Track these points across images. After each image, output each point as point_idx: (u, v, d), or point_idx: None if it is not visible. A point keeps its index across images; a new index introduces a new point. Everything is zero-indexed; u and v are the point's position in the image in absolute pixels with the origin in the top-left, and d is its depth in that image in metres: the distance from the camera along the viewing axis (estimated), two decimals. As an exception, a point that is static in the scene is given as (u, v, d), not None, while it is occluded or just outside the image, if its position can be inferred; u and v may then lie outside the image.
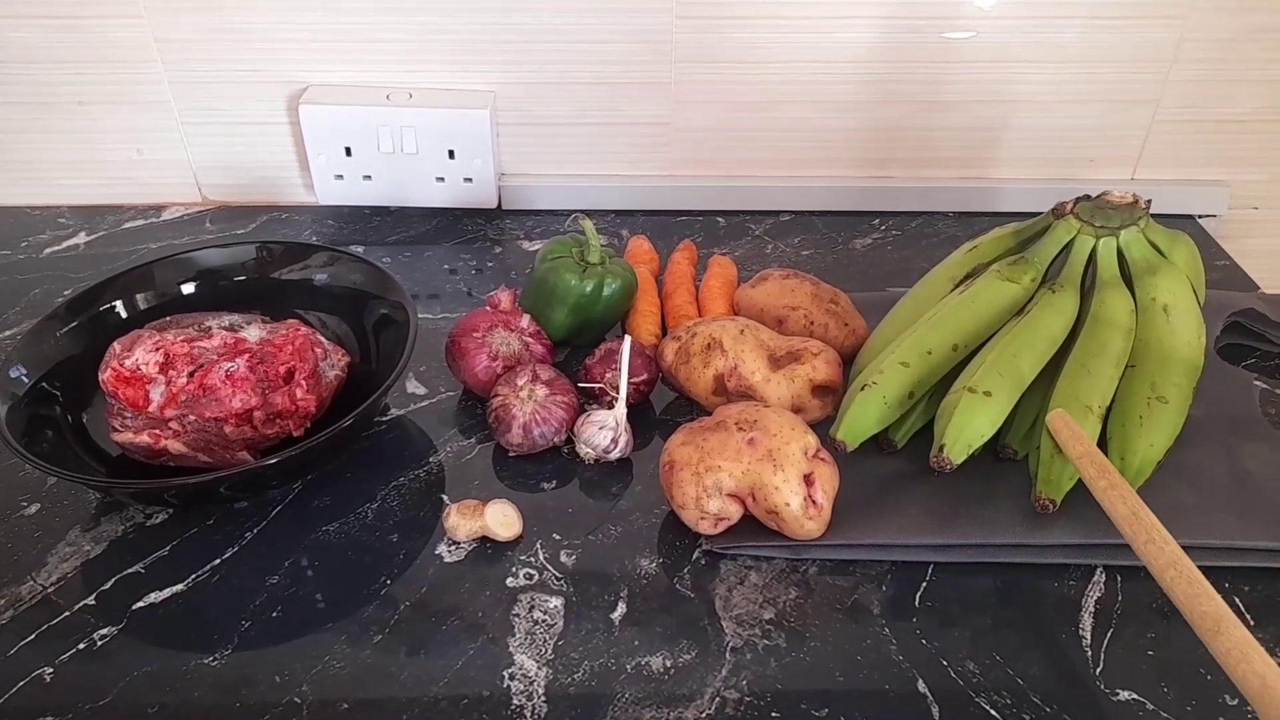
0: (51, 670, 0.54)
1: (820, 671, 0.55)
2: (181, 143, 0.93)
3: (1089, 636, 0.57)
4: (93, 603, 0.58)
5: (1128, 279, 0.69)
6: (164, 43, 0.87)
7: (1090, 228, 0.70)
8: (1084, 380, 0.63)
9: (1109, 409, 0.63)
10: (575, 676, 0.54)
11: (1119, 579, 0.60)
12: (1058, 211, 0.71)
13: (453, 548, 0.62)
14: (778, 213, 0.97)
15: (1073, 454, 0.57)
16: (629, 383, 0.68)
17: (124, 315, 0.71)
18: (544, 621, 0.57)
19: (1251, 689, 0.44)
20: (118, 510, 0.64)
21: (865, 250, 0.92)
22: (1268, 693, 0.43)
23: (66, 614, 0.58)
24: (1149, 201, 0.70)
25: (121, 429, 0.63)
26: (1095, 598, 0.59)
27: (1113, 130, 0.94)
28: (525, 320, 0.73)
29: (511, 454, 0.68)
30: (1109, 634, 0.57)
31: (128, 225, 0.94)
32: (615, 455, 0.67)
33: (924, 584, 0.59)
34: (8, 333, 0.80)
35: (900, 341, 0.66)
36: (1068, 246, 0.70)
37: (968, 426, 0.60)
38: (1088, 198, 0.71)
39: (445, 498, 0.65)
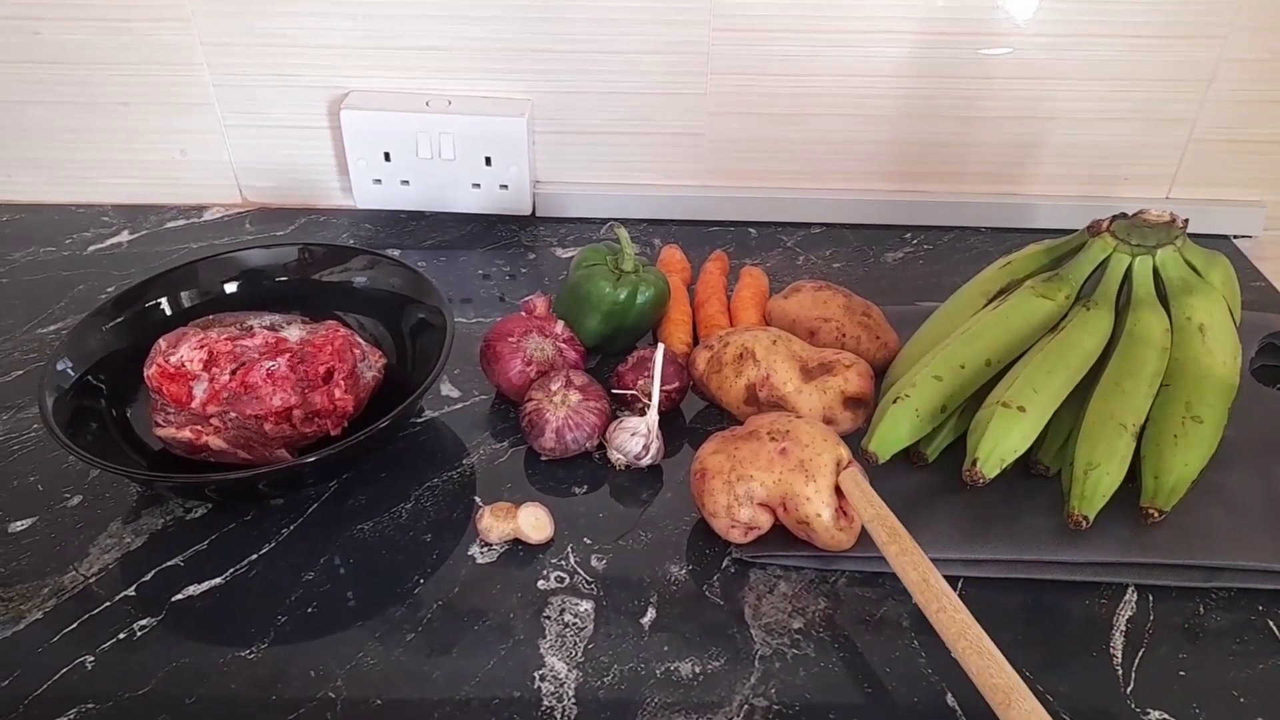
0: (92, 659, 0.56)
1: (849, 682, 0.55)
2: (224, 144, 0.95)
3: (1120, 655, 0.56)
4: (133, 594, 0.59)
5: (1163, 298, 0.69)
6: (209, 46, 0.89)
7: (1126, 246, 0.69)
8: (1118, 398, 0.63)
9: (1143, 428, 0.63)
10: (605, 680, 0.55)
11: (1151, 598, 0.60)
12: (1093, 229, 0.71)
13: (485, 549, 0.62)
14: (809, 225, 0.97)
15: (865, 516, 0.57)
16: (661, 390, 0.68)
17: (168, 312, 0.72)
18: (574, 625, 0.58)
19: None
20: (158, 504, 0.65)
21: (896, 264, 0.92)
22: None
23: (107, 604, 0.59)
24: (1186, 221, 0.70)
25: (164, 424, 0.64)
26: (1127, 616, 0.58)
27: (1148, 148, 0.94)
28: (559, 326, 0.73)
29: (543, 458, 0.69)
30: (1140, 653, 0.56)
31: (170, 225, 0.96)
32: (646, 462, 0.67)
33: (954, 598, 0.59)
34: (51, 328, 0.82)
35: (933, 355, 0.67)
36: (1103, 264, 0.70)
37: (1001, 441, 0.60)
38: (1124, 216, 0.70)
39: (478, 499, 0.66)
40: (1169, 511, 0.60)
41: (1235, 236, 0.96)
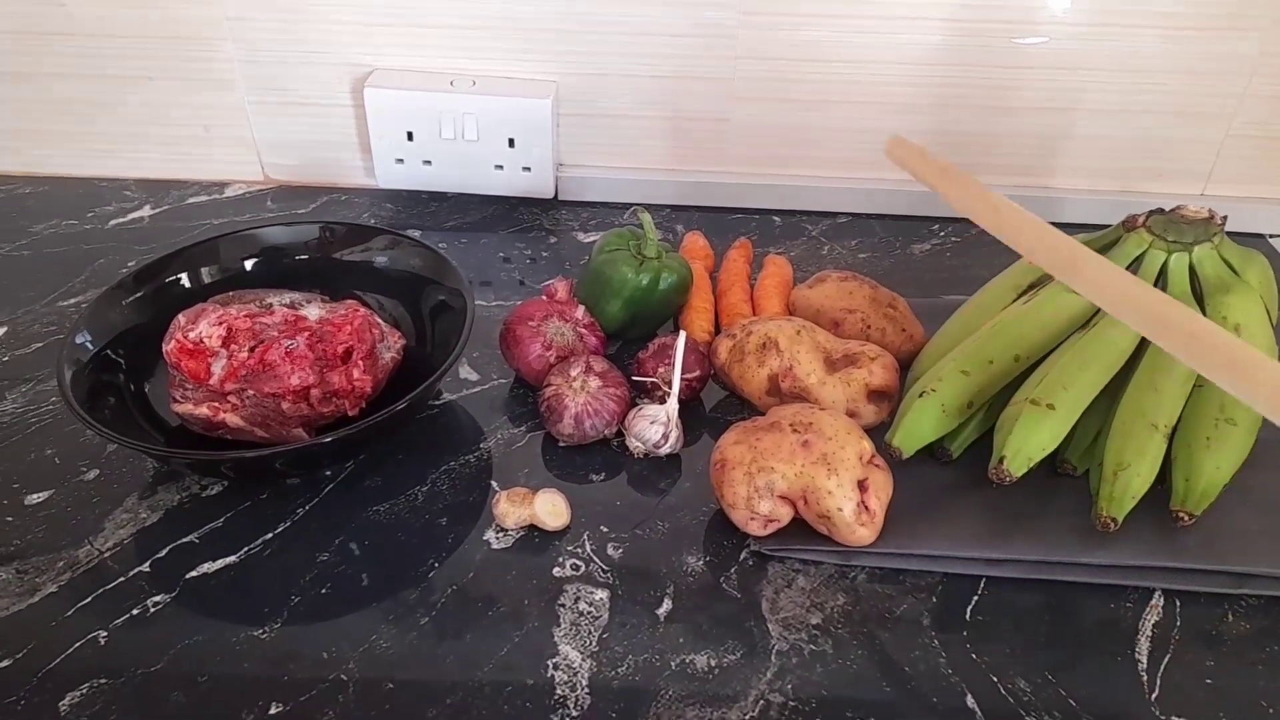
0: (105, 634, 0.55)
1: (867, 680, 0.54)
2: (247, 121, 0.95)
3: (1145, 660, 0.55)
4: (147, 570, 0.59)
5: (1199, 297, 0.67)
6: (235, 21, 0.89)
7: (1162, 242, 0.68)
8: (1150, 398, 0.62)
9: (1174, 429, 0.62)
10: (619, 670, 0.54)
11: (1178, 603, 0.58)
12: (1129, 224, 0.69)
13: (500, 535, 0.62)
14: (835, 214, 0.96)
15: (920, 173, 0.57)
16: (682, 378, 0.67)
17: (188, 287, 0.72)
18: (589, 613, 0.57)
19: None
20: (174, 480, 0.65)
21: (923, 256, 0.90)
22: None
23: (121, 579, 0.59)
24: (1224, 218, 0.68)
25: (182, 400, 0.64)
26: (1153, 621, 0.57)
27: (1183, 143, 0.92)
28: (580, 311, 0.72)
29: (561, 444, 0.68)
30: (1166, 659, 0.55)
31: (191, 200, 0.95)
32: (665, 450, 0.67)
33: (975, 597, 0.58)
34: (71, 301, 0.82)
35: (961, 349, 0.65)
36: (1138, 260, 0.68)
37: (1029, 440, 0.59)
38: (1160, 211, 0.69)
39: (494, 484, 0.65)
40: (1199, 515, 0.59)
41: (1271, 235, 0.94)
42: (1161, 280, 0.68)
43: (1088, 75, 0.88)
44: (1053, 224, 0.92)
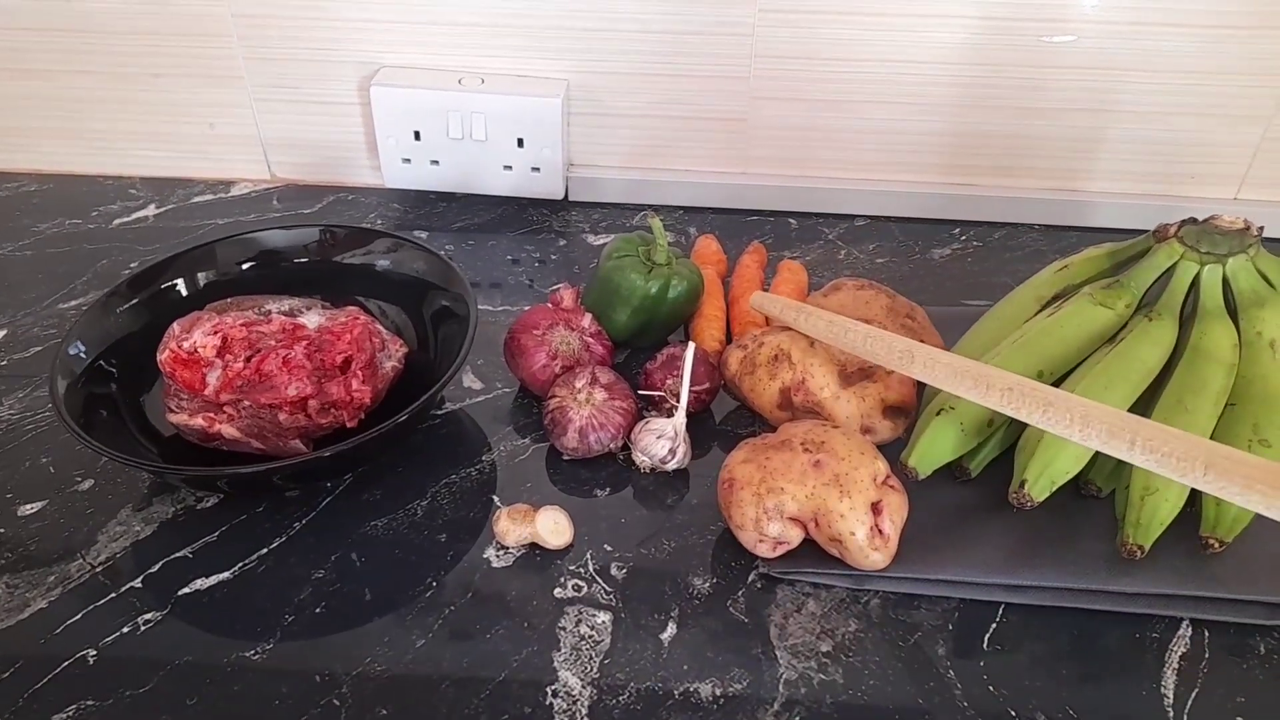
0: (95, 653, 0.54)
1: (879, 712, 0.52)
2: (253, 119, 0.93)
3: (1171, 695, 0.53)
4: (139, 585, 0.58)
5: (1232, 311, 0.64)
6: (241, 18, 0.87)
7: (1195, 253, 0.65)
8: (1180, 418, 0.59)
9: (1206, 450, 0.59)
10: (620, 699, 0.52)
11: (1206, 634, 0.56)
12: (1160, 234, 0.66)
13: (501, 553, 0.60)
14: (853, 217, 0.93)
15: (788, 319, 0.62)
16: (690, 391, 0.65)
17: (184, 293, 0.70)
18: (590, 637, 0.55)
19: None
20: (169, 492, 0.63)
21: (944, 261, 0.88)
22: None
23: (113, 595, 0.57)
24: (1261, 228, 0.65)
25: (177, 410, 0.62)
26: (1180, 653, 0.55)
27: (1218, 146, 0.89)
28: (587, 320, 0.70)
29: (565, 457, 0.66)
30: (1194, 693, 0.53)
31: (196, 199, 0.94)
32: (672, 466, 0.65)
33: (994, 625, 0.56)
34: (73, 303, 0.80)
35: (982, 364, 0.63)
36: (1168, 272, 0.65)
37: (1053, 462, 0.56)
38: (1194, 221, 0.66)
39: (496, 499, 0.63)
40: (1230, 542, 0.56)
41: (1309, 242, 0.90)
42: (1193, 293, 0.65)
43: (1120, 75, 0.85)
44: (1083, 229, 0.91)
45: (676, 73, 0.87)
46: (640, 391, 0.68)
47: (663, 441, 0.64)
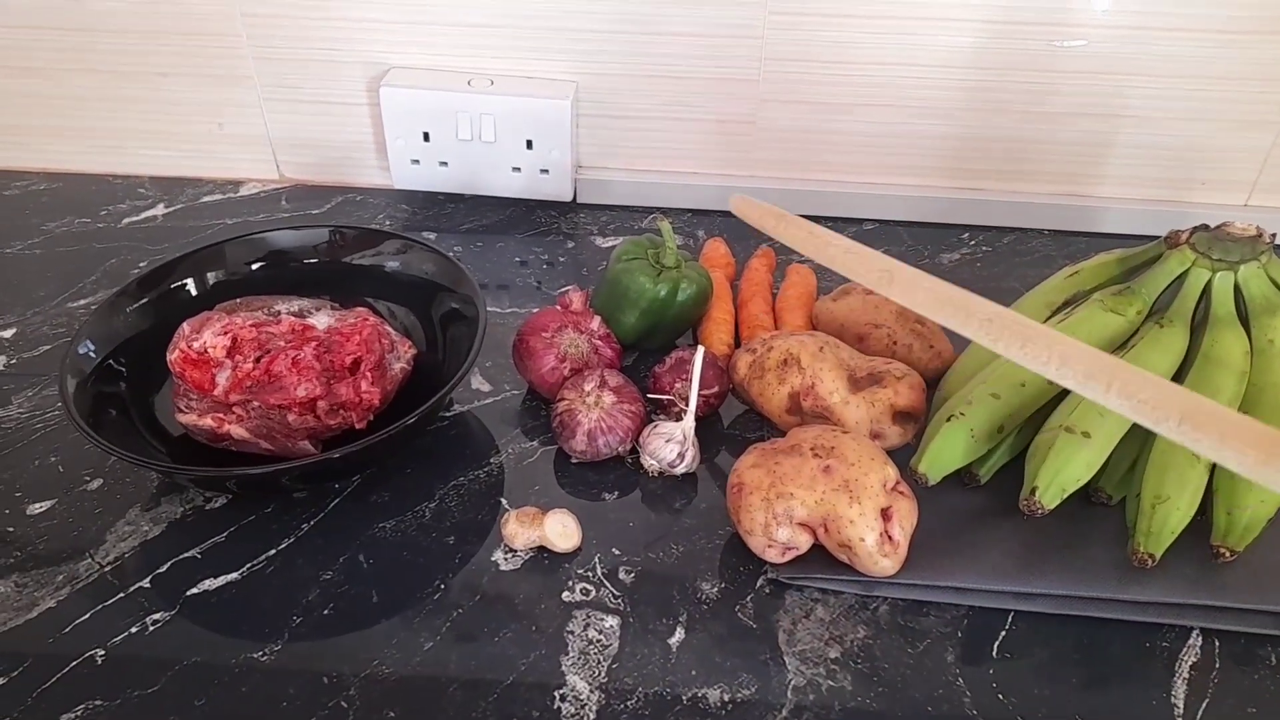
0: (103, 653, 0.54)
1: (888, 719, 0.52)
2: (262, 119, 0.93)
3: (1181, 705, 0.52)
4: (147, 586, 0.58)
5: (1243, 318, 0.64)
6: (249, 17, 0.87)
7: (1206, 260, 0.65)
8: (1191, 426, 0.58)
9: (1217, 458, 0.59)
10: (628, 704, 0.52)
11: (1217, 643, 0.55)
12: (1171, 241, 0.66)
13: (509, 555, 0.60)
14: (861, 220, 0.93)
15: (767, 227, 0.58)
16: (699, 395, 0.65)
17: (194, 293, 0.70)
18: (599, 641, 0.55)
19: None
20: (178, 492, 0.63)
21: (952, 266, 0.87)
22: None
23: (121, 595, 0.57)
24: (1273, 236, 0.65)
25: (186, 410, 0.62)
26: (1190, 662, 0.54)
27: (1228, 152, 0.88)
28: (596, 322, 0.70)
29: (574, 460, 0.66)
30: (1204, 703, 0.53)
31: (205, 199, 0.94)
32: (681, 470, 0.64)
33: (1003, 633, 0.56)
34: (82, 302, 0.80)
35: (991, 370, 0.63)
36: (1180, 279, 0.65)
37: (1063, 469, 0.56)
38: (1205, 228, 0.66)
39: (504, 501, 0.63)
40: (1241, 551, 0.56)
41: (1319, 249, 0.90)
42: (1204, 300, 0.65)
43: (1129, 80, 0.85)
44: (1092, 234, 0.91)
45: (685, 75, 0.87)
46: (649, 395, 0.68)
47: (671, 445, 0.64)
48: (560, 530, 0.59)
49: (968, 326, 0.48)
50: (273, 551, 0.60)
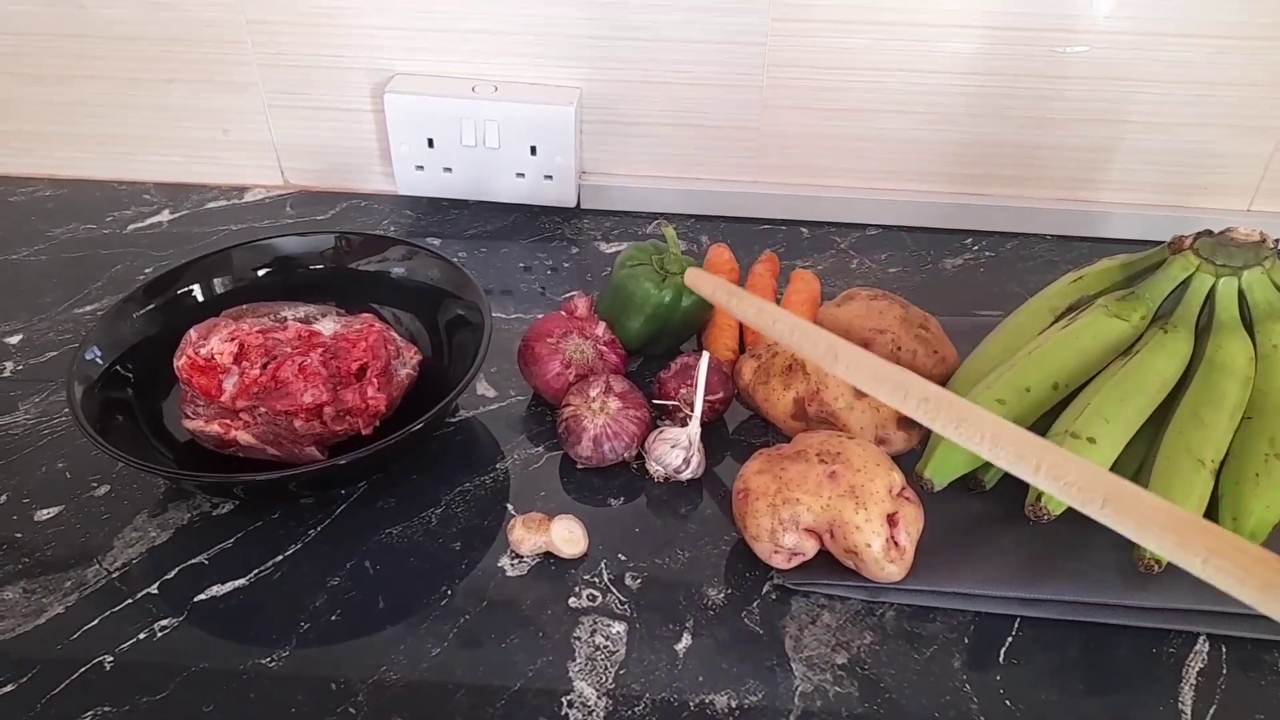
0: (111, 659, 0.54)
1: (894, 725, 0.52)
2: (267, 125, 0.93)
3: (1189, 711, 0.53)
4: (155, 592, 0.58)
5: (1248, 324, 0.64)
6: (255, 24, 0.87)
7: (1210, 265, 0.65)
8: (1196, 431, 0.59)
9: (1222, 464, 0.59)
10: (636, 710, 0.52)
11: (1224, 649, 0.55)
12: (1175, 246, 0.66)
13: (515, 561, 0.60)
14: (865, 226, 0.93)
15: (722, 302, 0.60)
16: (704, 400, 0.65)
17: (200, 299, 0.71)
18: (605, 647, 0.55)
19: None
20: (185, 498, 0.63)
21: (956, 271, 0.88)
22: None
23: (129, 601, 0.57)
24: (1278, 240, 0.65)
25: (193, 416, 0.62)
26: (1197, 668, 0.55)
27: (1231, 157, 0.89)
28: (601, 328, 0.70)
29: (579, 466, 0.66)
30: (1211, 710, 0.53)
31: (210, 205, 0.94)
32: (686, 475, 0.65)
33: (1010, 639, 0.56)
34: (88, 308, 0.81)
35: (996, 375, 0.63)
36: (1184, 284, 0.65)
37: (1068, 475, 0.56)
38: (1209, 233, 0.66)
39: (510, 507, 0.64)
40: (1247, 556, 0.56)
41: (1322, 254, 0.90)
42: (1208, 305, 0.65)
43: (1133, 86, 0.85)
44: (1095, 239, 0.91)
45: (689, 81, 0.88)
46: (654, 400, 0.68)
47: (677, 451, 0.64)
48: (566, 536, 0.60)
49: (906, 405, 0.49)
50: (280, 557, 0.60)
